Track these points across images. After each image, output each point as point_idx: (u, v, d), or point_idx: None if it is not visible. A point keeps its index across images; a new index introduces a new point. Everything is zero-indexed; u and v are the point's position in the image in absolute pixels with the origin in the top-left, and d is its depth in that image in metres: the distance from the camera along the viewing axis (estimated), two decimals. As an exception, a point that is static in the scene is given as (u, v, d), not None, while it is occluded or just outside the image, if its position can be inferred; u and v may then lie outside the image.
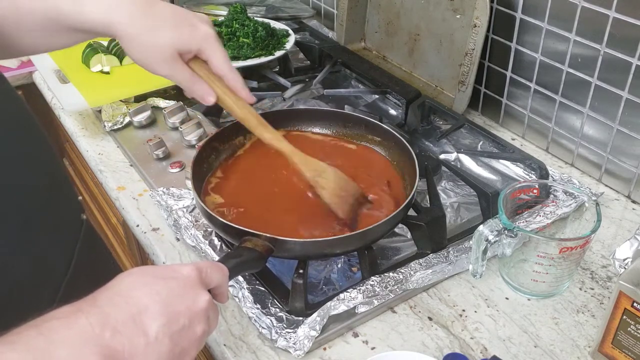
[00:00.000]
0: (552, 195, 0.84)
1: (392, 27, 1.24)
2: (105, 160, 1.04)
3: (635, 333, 0.65)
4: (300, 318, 0.72)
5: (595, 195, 0.93)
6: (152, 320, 0.49)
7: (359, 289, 0.74)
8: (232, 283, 0.76)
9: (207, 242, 0.83)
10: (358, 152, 0.94)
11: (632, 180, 0.93)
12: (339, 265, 0.82)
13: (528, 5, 0.98)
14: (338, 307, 0.72)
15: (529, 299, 0.78)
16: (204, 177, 0.87)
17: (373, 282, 0.76)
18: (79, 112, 1.16)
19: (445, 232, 0.83)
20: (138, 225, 0.90)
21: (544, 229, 0.82)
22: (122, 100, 1.14)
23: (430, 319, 0.75)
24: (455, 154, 1.04)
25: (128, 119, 1.11)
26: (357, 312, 0.73)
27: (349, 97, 1.23)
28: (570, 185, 0.92)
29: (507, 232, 0.73)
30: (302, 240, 0.72)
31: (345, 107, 1.14)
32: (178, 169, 0.99)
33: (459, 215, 0.92)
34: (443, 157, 1.04)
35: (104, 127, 1.09)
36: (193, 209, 0.88)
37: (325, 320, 0.71)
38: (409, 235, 0.84)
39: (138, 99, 1.15)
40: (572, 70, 0.95)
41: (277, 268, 0.81)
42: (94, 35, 0.72)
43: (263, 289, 0.76)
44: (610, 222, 0.90)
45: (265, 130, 0.77)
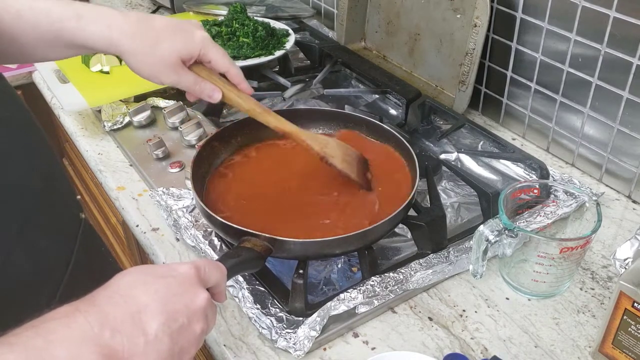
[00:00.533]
0: (552, 195, 0.84)
1: (392, 26, 1.24)
2: (105, 160, 1.04)
3: (636, 333, 0.64)
4: (300, 318, 0.72)
5: (596, 195, 0.93)
6: (151, 319, 0.49)
7: (359, 289, 0.74)
8: (232, 283, 0.76)
9: (207, 242, 0.83)
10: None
11: (632, 180, 0.93)
12: (339, 266, 0.82)
13: (528, 5, 0.98)
14: (338, 307, 0.72)
15: (530, 299, 0.78)
16: (204, 177, 0.87)
17: (373, 282, 0.75)
18: (79, 112, 1.16)
19: (446, 232, 0.83)
20: (138, 226, 0.90)
21: (545, 229, 0.82)
22: (121, 100, 1.14)
23: (431, 319, 0.75)
24: (456, 154, 1.04)
25: (128, 119, 1.10)
26: (357, 312, 0.73)
27: (349, 97, 1.23)
28: (571, 185, 0.92)
29: (507, 232, 0.73)
30: (301, 241, 0.72)
31: (346, 107, 1.14)
32: (178, 169, 0.99)
33: (459, 215, 0.92)
34: (443, 157, 1.04)
35: (104, 127, 1.09)
36: (193, 209, 0.88)
37: (326, 321, 0.71)
38: (409, 235, 0.84)
39: (138, 99, 1.15)
40: (572, 70, 0.95)
41: (277, 268, 0.80)
42: (97, 51, 0.75)
43: (263, 289, 0.76)
44: (611, 222, 0.90)
45: (271, 116, 0.82)
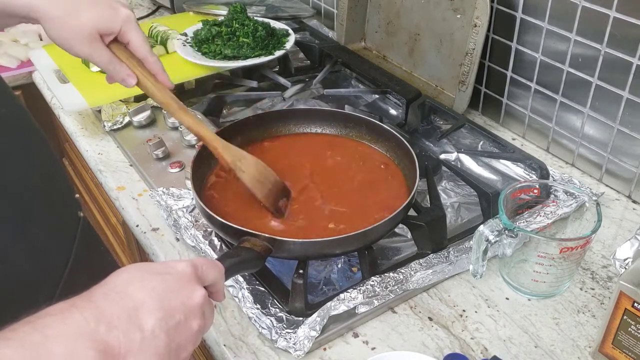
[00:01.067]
0: (552, 195, 0.84)
1: (392, 26, 1.24)
2: (105, 160, 1.04)
3: (636, 333, 0.64)
4: (300, 318, 0.72)
5: (596, 195, 0.93)
6: (147, 315, 0.49)
7: (359, 289, 0.74)
8: (232, 283, 0.76)
9: (207, 242, 0.83)
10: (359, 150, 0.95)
11: (632, 180, 0.93)
12: (339, 266, 0.82)
13: (528, 5, 0.98)
14: (338, 307, 0.72)
15: (530, 299, 0.78)
16: (204, 177, 0.87)
17: (373, 282, 0.75)
18: (79, 112, 1.16)
19: (446, 232, 0.83)
20: (138, 225, 0.90)
21: (545, 229, 0.82)
22: (121, 100, 1.14)
23: (431, 319, 0.75)
24: (456, 154, 1.04)
25: (128, 119, 1.10)
26: (357, 312, 0.73)
27: (349, 97, 1.23)
28: (571, 185, 0.92)
29: (507, 232, 0.73)
30: (301, 241, 0.72)
31: (346, 107, 1.14)
32: (178, 169, 0.99)
33: (460, 215, 0.92)
34: (443, 157, 1.04)
35: (104, 127, 1.09)
36: (193, 209, 0.88)
37: (325, 321, 0.71)
38: (409, 235, 0.84)
39: (138, 99, 1.15)
40: (572, 70, 0.95)
41: (277, 268, 0.80)
42: (20, 19, 0.72)
43: (263, 289, 0.76)
44: (611, 222, 0.90)
45: (186, 115, 0.78)
